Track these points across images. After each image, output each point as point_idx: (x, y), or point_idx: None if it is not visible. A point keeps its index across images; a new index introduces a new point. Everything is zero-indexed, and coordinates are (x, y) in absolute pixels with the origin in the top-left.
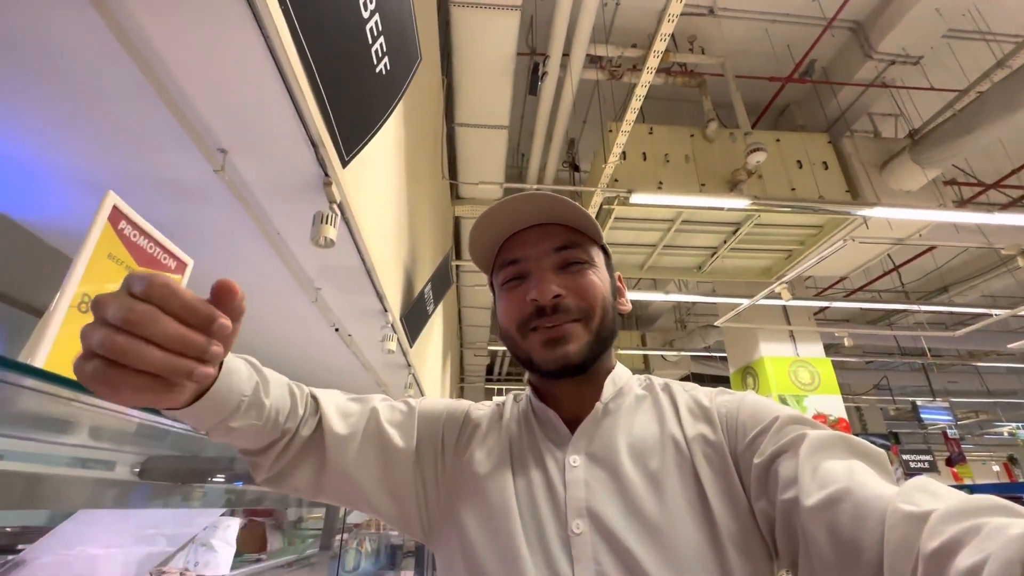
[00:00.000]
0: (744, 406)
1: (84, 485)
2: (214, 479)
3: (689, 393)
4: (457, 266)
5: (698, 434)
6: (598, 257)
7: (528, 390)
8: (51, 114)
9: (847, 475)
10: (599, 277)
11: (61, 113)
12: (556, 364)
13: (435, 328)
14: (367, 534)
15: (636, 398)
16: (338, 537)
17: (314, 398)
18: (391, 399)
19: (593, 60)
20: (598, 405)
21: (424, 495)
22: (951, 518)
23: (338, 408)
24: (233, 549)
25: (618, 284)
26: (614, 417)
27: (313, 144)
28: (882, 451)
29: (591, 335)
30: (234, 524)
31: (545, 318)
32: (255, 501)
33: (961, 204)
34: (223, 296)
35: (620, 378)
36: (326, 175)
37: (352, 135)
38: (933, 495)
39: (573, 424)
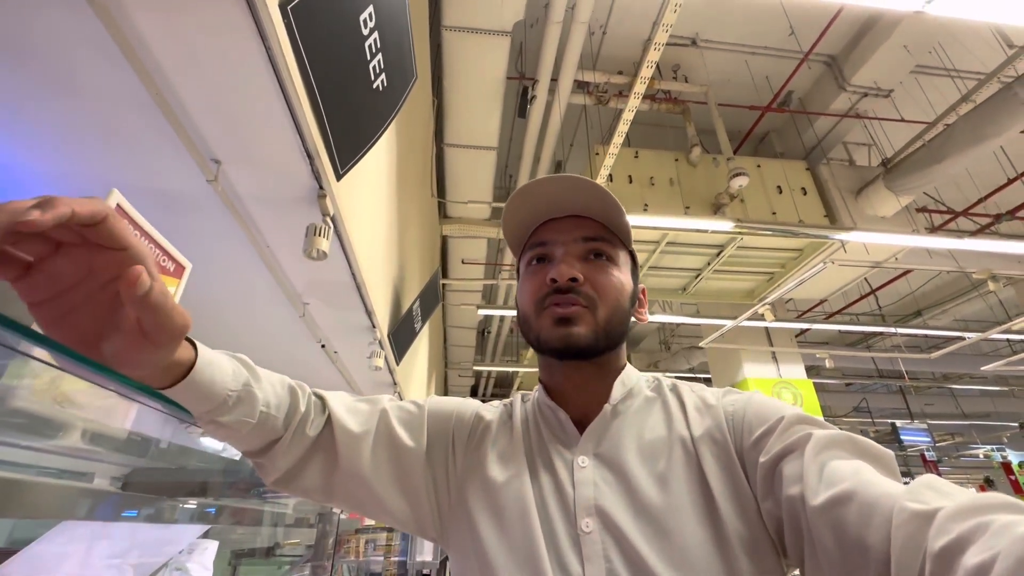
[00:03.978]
0: (751, 405)
1: (65, 496)
2: (195, 496)
3: (697, 393)
4: (444, 285)
5: (705, 434)
6: (624, 260)
7: (538, 387)
8: (43, 118)
9: (853, 474)
10: (621, 276)
11: (54, 117)
12: (560, 342)
13: (421, 346)
14: (345, 561)
15: (646, 400)
16: (317, 564)
17: (319, 397)
18: (397, 399)
19: (580, 85)
20: (607, 407)
21: (435, 496)
22: (959, 516)
23: (347, 407)
24: (210, 573)
25: (640, 296)
26: (623, 419)
27: (309, 156)
28: (888, 451)
29: (597, 324)
30: (212, 547)
31: (559, 296)
32: (237, 521)
33: (933, 230)
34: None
35: (629, 379)
36: (320, 187)
37: (347, 148)
38: (940, 493)
39: (581, 424)
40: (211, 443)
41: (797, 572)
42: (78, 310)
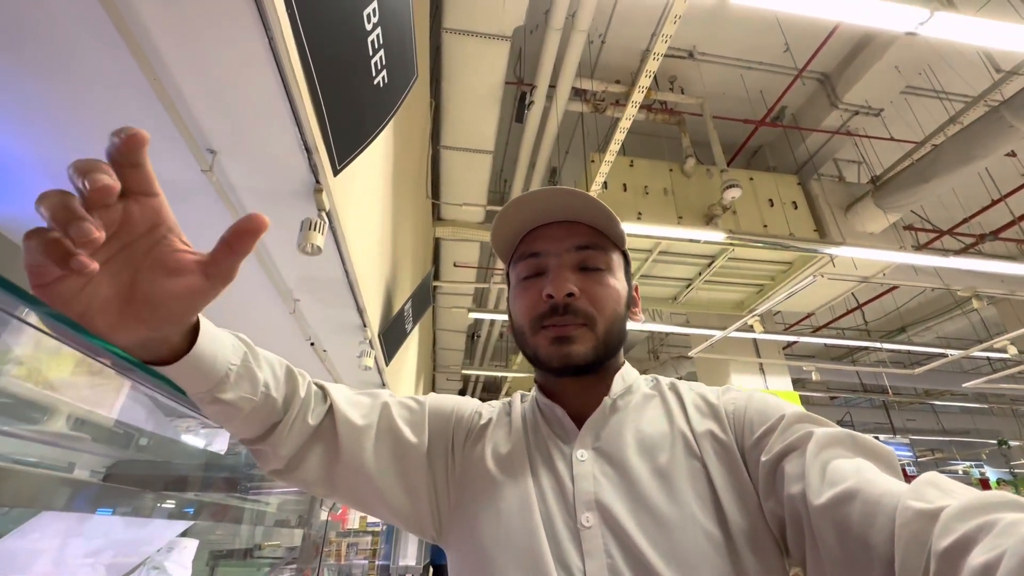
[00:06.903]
0: (752, 404)
1: (45, 486)
2: (175, 493)
3: (695, 391)
4: (435, 287)
5: (707, 431)
6: (618, 263)
7: (534, 388)
8: (36, 101)
9: (855, 473)
10: (615, 284)
11: (47, 100)
12: (560, 361)
13: (411, 348)
14: (327, 564)
15: (644, 396)
16: (298, 567)
17: (320, 387)
18: (397, 395)
19: (578, 93)
20: (606, 400)
21: (435, 493)
22: (964, 514)
23: (348, 399)
24: (188, 573)
25: (634, 294)
26: (622, 413)
27: (307, 149)
28: (890, 449)
29: (597, 340)
30: (191, 546)
31: (556, 317)
32: (219, 516)
33: (919, 248)
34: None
35: (629, 376)
36: (317, 182)
37: (346, 144)
38: (944, 491)
39: (579, 420)
40: (193, 438)
41: (798, 571)
42: (97, 279)
